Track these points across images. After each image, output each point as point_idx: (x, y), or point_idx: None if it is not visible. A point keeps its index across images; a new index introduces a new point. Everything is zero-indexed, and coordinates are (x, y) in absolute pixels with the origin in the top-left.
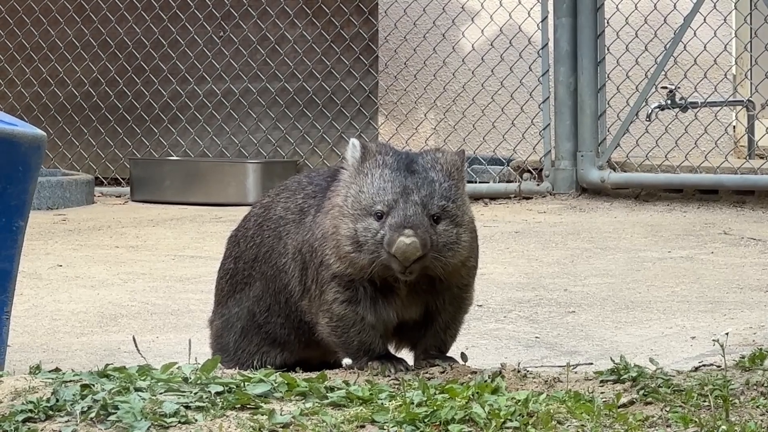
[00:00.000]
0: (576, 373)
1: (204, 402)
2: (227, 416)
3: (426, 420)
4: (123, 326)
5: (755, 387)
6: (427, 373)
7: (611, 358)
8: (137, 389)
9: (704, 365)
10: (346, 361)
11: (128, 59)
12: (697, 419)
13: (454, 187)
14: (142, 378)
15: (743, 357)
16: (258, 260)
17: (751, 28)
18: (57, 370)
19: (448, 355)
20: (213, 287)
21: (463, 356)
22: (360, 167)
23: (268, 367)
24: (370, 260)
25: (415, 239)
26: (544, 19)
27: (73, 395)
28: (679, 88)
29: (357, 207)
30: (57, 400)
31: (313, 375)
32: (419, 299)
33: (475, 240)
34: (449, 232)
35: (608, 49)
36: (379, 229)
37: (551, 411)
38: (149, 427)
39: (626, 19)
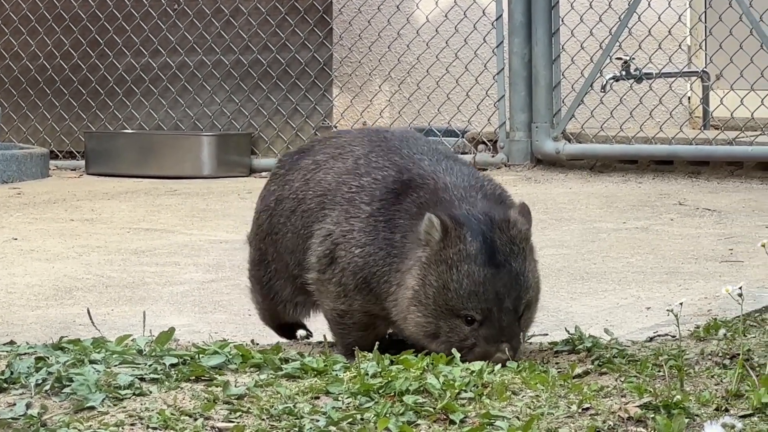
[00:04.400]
0: (531, 344)
1: (158, 374)
2: (182, 388)
3: (381, 391)
4: (78, 299)
5: (710, 357)
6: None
7: (566, 329)
8: (92, 362)
9: (659, 335)
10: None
11: (83, 32)
12: (651, 389)
13: (534, 270)
14: (97, 350)
15: (698, 327)
16: (295, 213)
17: None
18: (12, 342)
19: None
20: (167, 260)
21: None
22: (441, 252)
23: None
24: (447, 351)
25: (510, 353)
26: None
27: (28, 368)
28: (633, 59)
29: (441, 303)
30: (12, 373)
31: (268, 347)
32: None
33: None
34: (529, 319)
35: (563, 20)
36: (470, 335)
37: (506, 382)
38: (104, 399)
39: None
